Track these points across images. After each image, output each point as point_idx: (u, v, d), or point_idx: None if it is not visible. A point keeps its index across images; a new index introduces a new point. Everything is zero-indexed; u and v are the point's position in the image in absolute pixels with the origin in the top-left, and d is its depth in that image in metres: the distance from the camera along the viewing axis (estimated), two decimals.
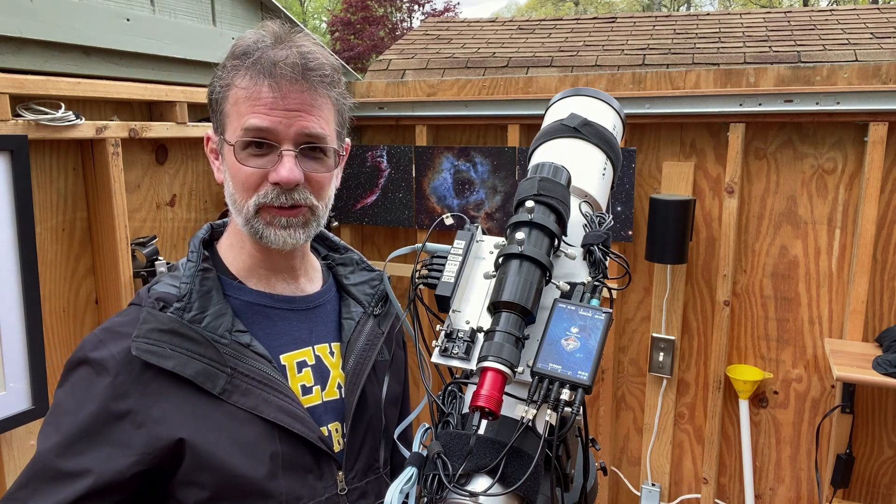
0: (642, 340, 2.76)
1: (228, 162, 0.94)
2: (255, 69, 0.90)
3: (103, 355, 0.88)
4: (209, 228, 1.05)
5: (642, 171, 2.66)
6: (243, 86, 0.91)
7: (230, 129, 0.93)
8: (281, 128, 0.91)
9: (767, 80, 2.40)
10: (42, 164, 1.84)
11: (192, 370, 0.88)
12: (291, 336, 1.01)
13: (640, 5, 27.46)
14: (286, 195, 0.92)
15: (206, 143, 1.01)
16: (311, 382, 1.00)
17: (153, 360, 0.87)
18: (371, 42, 16.60)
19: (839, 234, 2.44)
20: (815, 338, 2.52)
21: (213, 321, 0.92)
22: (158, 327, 0.89)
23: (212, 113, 0.97)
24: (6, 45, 4.03)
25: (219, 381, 0.89)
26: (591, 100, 1.04)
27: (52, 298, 1.88)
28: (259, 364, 0.93)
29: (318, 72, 0.92)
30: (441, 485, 0.71)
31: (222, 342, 0.91)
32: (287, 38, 0.93)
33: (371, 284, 1.14)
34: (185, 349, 0.89)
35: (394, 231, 3.08)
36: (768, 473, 2.66)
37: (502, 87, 2.76)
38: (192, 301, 0.92)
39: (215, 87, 0.95)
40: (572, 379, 0.70)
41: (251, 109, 0.90)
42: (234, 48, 0.94)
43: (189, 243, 1.01)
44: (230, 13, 8.62)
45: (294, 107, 0.91)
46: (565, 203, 0.85)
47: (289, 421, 0.92)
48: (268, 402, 0.91)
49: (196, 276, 0.94)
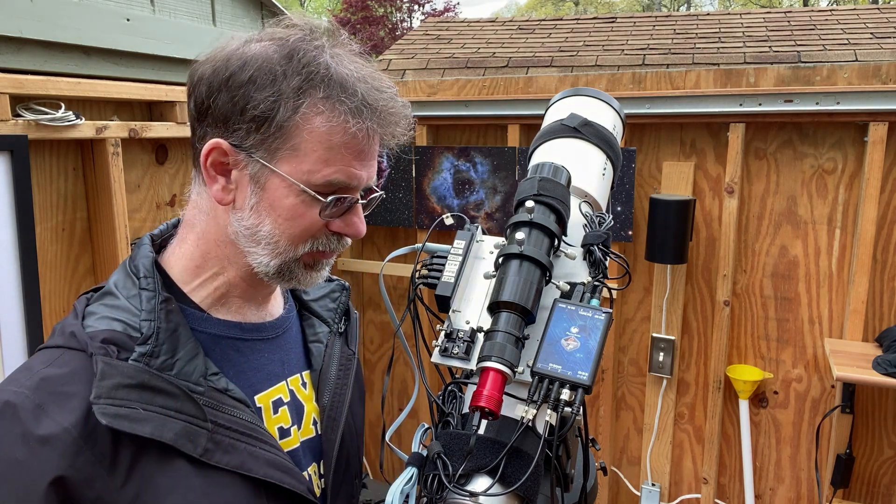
0: (642, 340, 2.76)
1: (281, 200, 0.77)
2: (359, 113, 0.75)
3: (51, 431, 0.67)
4: (150, 243, 0.84)
5: (642, 171, 2.66)
6: (342, 129, 0.75)
7: (296, 166, 0.76)
8: (363, 180, 0.80)
9: (767, 80, 2.40)
10: (42, 164, 1.84)
11: (171, 433, 0.72)
12: (264, 371, 0.87)
13: (640, 5, 27.46)
14: (343, 242, 0.83)
15: (208, 156, 0.77)
16: (289, 423, 0.88)
17: (126, 427, 0.69)
18: (371, 42, 16.59)
19: (839, 234, 2.44)
20: (815, 338, 2.52)
21: (185, 366, 0.76)
22: (123, 382, 0.70)
23: (248, 127, 0.75)
24: (6, 45, 4.03)
25: (200, 440, 0.74)
26: (590, 100, 1.04)
27: (52, 298, 1.88)
28: (238, 412, 0.79)
29: (402, 115, 0.81)
30: (441, 485, 0.71)
31: (198, 391, 0.75)
32: (358, 59, 0.80)
33: (332, 297, 1.02)
34: (160, 406, 0.72)
35: (394, 231, 3.08)
36: (768, 473, 2.66)
37: (502, 87, 2.76)
38: (160, 343, 0.74)
39: (274, 104, 0.74)
40: (572, 379, 0.70)
41: (343, 160, 0.77)
42: (311, 64, 0.75)
43: (132, 263, 0.80)
44: (230, 13, 8.62)
45: (373, 156, 0.81)
46: (565, 203, 0.85)
47: (279, 476, 0.80)
48: (255, 456, 0.78)
49: (160, 311, 0.76)
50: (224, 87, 0.75)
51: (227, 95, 0.75)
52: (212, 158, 0.78)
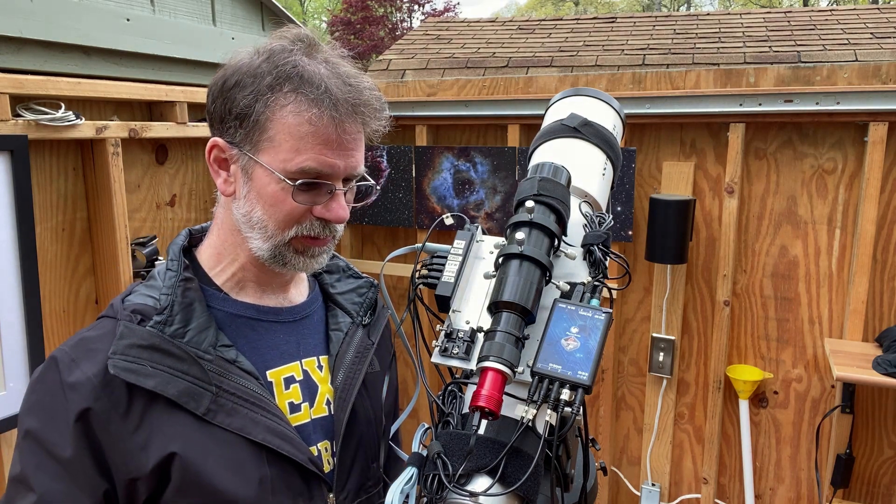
0: (642, 340, 2.76)
1: (265, 188, 0.87)
2: (321, 103, 0.84)
3: (78, 378, 0.82)
4: (188, 235, 0.99)
5: (642, 171, 2.66)
6: (306, 118, 0.84)
7: (273, 156, 0.86)
8: (339, 168, 0.88)
9: (767, 80, 2.40)
10: (42, 164, 1.84)
11: (174, 389, 0.82)
12: (278, 350, 0.96)
13: (640, 5, 27.46)
14: (329, 228, 0.91)
15: (210, 152, 0.91)
16: (300, 399, 0.96)
17: (132, 378, 0.81)
18: (371, 42, 16.59)
19: (839, 234, 2.44)
20: (815, 338, 2.52)
21: (196, 335, 0.86)
22: (137, 343, 0.83)
23: (235, 125, 0.87)
24: (6, 45, 4.03)
25: (203, 400, 0.84)
26: (591, 100, 1.04)
27: (52, 298, 1.88)
28: (245, 381, 0.88)
29: (371, 106, 0.89)
30: (441, 485, 0.71)
31: (206, 358, 0.86)
32: (335, 60, 0.88)
33: (359, 292, 1.09)
34: (167, 366, 0.83)
35: (394, 231, 3.08)
36: (768, 473, 2.66)
37: (502, 87, 2.76)
38: (174, 314, 0.86)
39: (252, 101, 0.85)
40: (572, 379, 0.70)
41: (313, 149, 0.85)
42: (282, 64, 0.85)
43: (167, 250, 0.95)
44: (230, 13, 8.62)
45: (349, 145, 0.88)
46: (565, 203, 0.85)
47: (278, 442, 0.87)
48: (255, 422, 0.87)
49: (177, 287, 0.88)
50: (219, 93, 0.88)
51: (221, 100, 0.88)
52: (213, 155, 0.91)
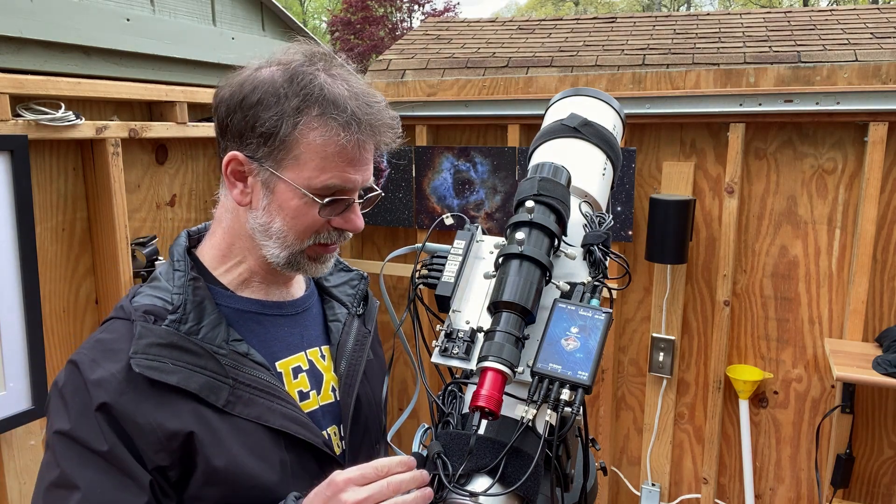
0: (642, 340, 2.76)
1: (288, 202, 0.91)
2: (348, 127, 0.89)
3: (102, 375, 0.85)
4: (188, 236, 1.04)
5: (642, 171, 2.66)
6: (333, 141, 0.89)
7: (298, 173, 0.90)
8: (358, 183, 0.93)
9: (767, 80, 2.40)
10: (42, 164, 1.84)
11: (196, 384, 0.87)
12: (284, 342, 1.01)
13: (640, 5, 27.45)
14: (343, 235, 0.97)
15: (228, 165, 0.93)
16: (308, 387, 1.01)
17: (156, 375, 0.84)
18: (371, 42, 16.59)
19: (839, 234, 2.44)
20: (815, 338, 2.52)
21: (209, 332, 0.91)
22: (157, 342, 0.86)
23: (259, 142, 0.90)
24: (6, 45, 4.03)
25: (222, 393, 0.88)
26: (591, 100, 1.04)
27: (52, 298, 1.88)
28: (258, 372, 0.93)
29: (388, 125, 0.95)
30: (441, 485, 0.71)
31: (221, 353, 0.90)
32: (351, 78, 0.94)
33: (351, 284, 1.16)
34: (187, 363, 0.87)
35: (394, 231, 3.08)
36: (768, 473, 2.66)
37: (502, 87, 2.76)
38: (187, 312, 0.90)
39: (277, 122, 0.88)
40: (572, 379, 0.70)
41: (337, 167, 0.90)
42: (307, 86, 0.89)
43: (170, 252, 0.99)
44: (230, 13, 8.62)
45: (366, 161, 0.94)
46: (565, 203, 0.85)
47: (295, 428, 0.92)
48: (272, 410, 0.91)
49: (188, 286, 0.92)
50: (238, 108, 0.91)
51: (241, 115, 0.91)
52: (231, 167, 0.94)
